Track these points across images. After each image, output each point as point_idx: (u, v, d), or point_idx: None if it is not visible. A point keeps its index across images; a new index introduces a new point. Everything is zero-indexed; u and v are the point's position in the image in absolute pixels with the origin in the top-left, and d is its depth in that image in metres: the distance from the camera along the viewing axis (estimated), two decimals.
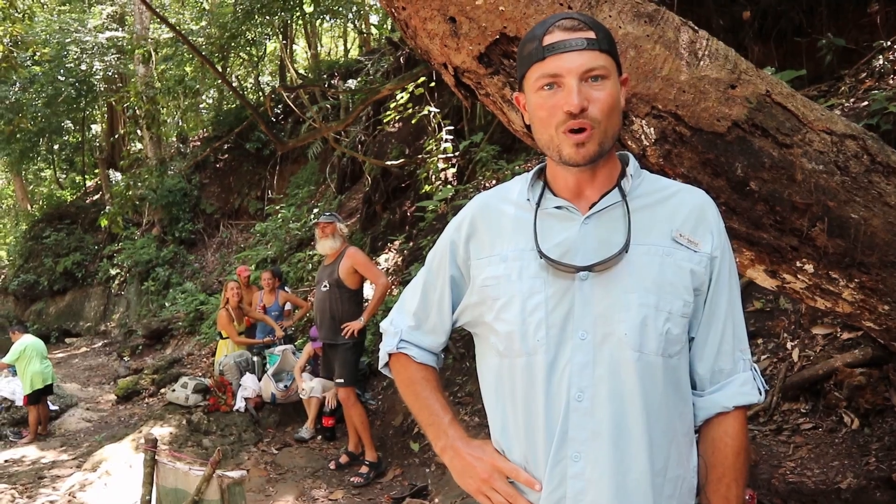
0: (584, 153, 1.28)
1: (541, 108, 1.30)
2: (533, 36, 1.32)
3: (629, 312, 1.27)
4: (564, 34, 1.28)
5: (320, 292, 5.50)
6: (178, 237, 17.51)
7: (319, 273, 5.67)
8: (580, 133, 1.27)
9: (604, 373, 1.27)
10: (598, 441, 1.27)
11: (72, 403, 9.42)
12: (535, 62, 1.30)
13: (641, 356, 1.27)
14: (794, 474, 3.44)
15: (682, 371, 1.34)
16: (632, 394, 1.27)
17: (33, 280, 19.77)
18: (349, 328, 5.31)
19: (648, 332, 1.27)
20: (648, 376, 1.27)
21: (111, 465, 5.64)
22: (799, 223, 1.94)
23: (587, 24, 1.29)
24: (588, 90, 1.26)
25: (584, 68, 1.26)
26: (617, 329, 1.27)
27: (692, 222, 1.34)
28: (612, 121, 1.30)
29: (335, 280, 5.39)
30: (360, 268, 5.42)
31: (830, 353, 3.93)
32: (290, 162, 17.10)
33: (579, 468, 1.27)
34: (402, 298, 1.60)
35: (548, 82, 1.28)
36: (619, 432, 1.27)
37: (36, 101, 19.60)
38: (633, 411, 1.27)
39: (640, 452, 1.27)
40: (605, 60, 1.28)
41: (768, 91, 1.92)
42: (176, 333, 13.20)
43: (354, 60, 17.73)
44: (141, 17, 17.82)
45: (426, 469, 5.20)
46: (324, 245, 5.50)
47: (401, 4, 2.03)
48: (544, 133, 1.32)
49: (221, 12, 16.61)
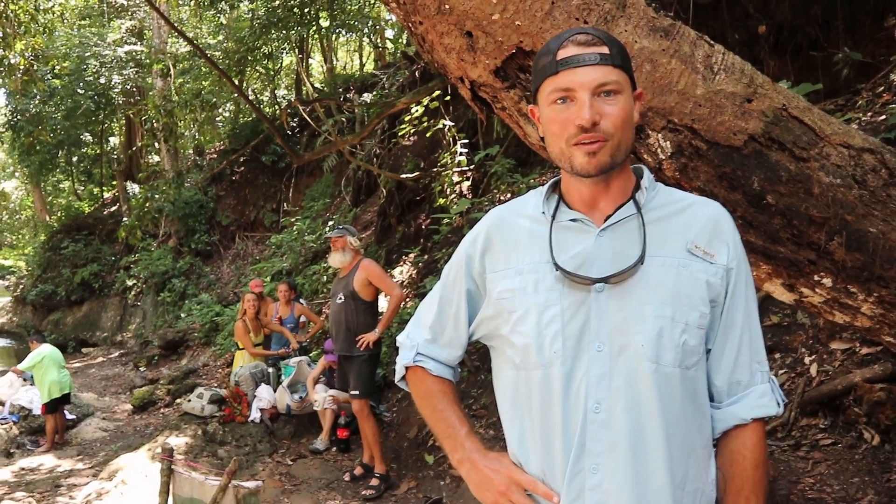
0: (596, 163, 1.29)
1: (553, 122, 1.31)
2: (547, 50, 1.33)
3: (645, 324, 1.27)
4: (578, 49, 1.29)
5: (335, 304, 5.52)
6: (194, 249, 17.65)
7: (335, 285, 5.68)
8: (592, 144, 1.27)
9: (621, 384, 1.27)
10: (615, 453, 1.26)
11: (88, 413, 9.49)
12: (549, 76, 1.31)
13: (658, 367, 1.27)
14: (813, 490, 3.40)
15: (700, 383, 1.33)
16: (649, 405, 1.27)
17: (51, 290, 19.97)
18: (364, 340, 5.31)
19: (665, 344, 1.27)
20: (665, 388, 1.27)
21: (127, 474, 5.67)
22: (816, 237, 1.93)
23: (601, 40, 1.30)
24: (600, 104, 1.27)
25: (596, 83, 1.27)
26: (633, 341, 1.27)
27: (707, 234, 1.34)
28: (625, 134, 1.30)
29: (350, 292, 5.40)
30: (375, 279, 5.43)
31: (849, 369, 3.89)
32: (305, 175, 17.22)
33: (597, 480, 1.27)
34: (419, 312, 1.60)
35: (560, 96, 1.30)
36: (636, 444, 1.26)
37: (55, 114, 19.90)
38: (651, 423, 1.26)
39: (660, 465, 1.26)
40: (618, 75, 1.29)
41: (785, 105, 1.92)
42: (191, 344, 13.28)
43: (370, 74, 17.86)
44: (159, 32, 18.06)
45: (441, 482, 5.19)
46: (335, 258, 5.53)
47: (418, 19, 2.05)
48: (556, 146, 1.33)
49: (238, 27, 16.81)
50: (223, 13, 18.35)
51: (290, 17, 14.31)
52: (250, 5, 16.43)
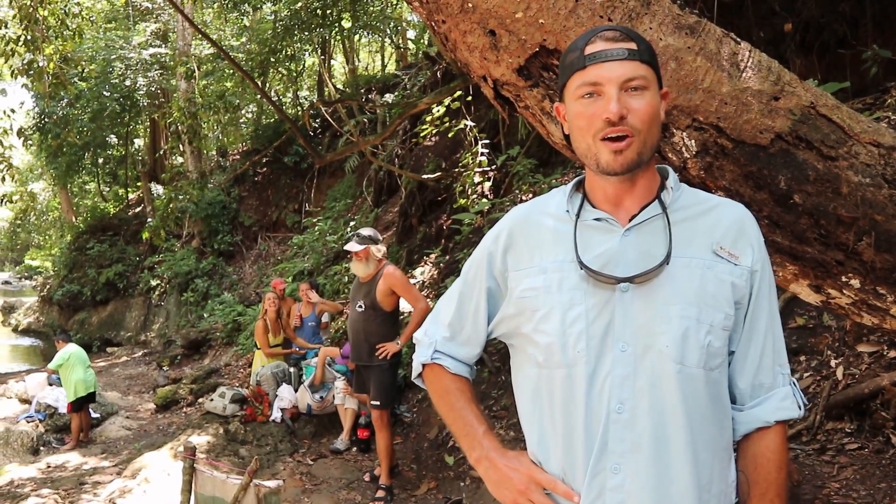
0: (623, 161, 1.28)
1: (580, 117, 1.30)
2: (575, 46, 1.33)
3: (670, 324, 1.26)
4: (606, 44, 1.29)
5: (355, 312, 5.30)
6: (216, 249, 17.79)
7: (354, 290, 5.44)
8: (619, 141, 1.26)
9: (644, 385, 1.26)
10: (638, 453, 1.25)
11: (112, 411, 9.61)
12: (576, 71, 1.31)
13: (683, 368, 1.26)
14: (838, 496, 3.34)
15: (723, 385, 1.33)
16: (673, 406, 1.26)
17: (77, 290, 20.24)
18: (385, 350, 5.13)
19: (690, 345, 1.26)
20: (690, 389, 1.26)
21: (150, 472, 5.73)
22: (845, 237, 1.90)
23: (629, 36, 1.30)
24: (627, 99, 1.26)
25: (624, 77, 1.26)
26: (658, 341, 1.26)
27: (732, 236, 1.33)
28: (652, 131, 1.29)
29: (371, 302, 5.17)
30: (399, 289, 5.21)
31: (877, 372, 3.82)
32: (327, 175, 17.30)
33: (619, 480, 1.26)
34: (437, 309, 1.60)
35: (588, 91, 1.29)
36: (659, 445, 1.25)
37: (82, 116, 20.18)
38: (675, 424, 1.25)
39: (684, 466, 1.25)
40: (645, 71, 1.29)
41: (812, 103, 1.89)
42: (214, 344, 13.38)
43: (392, 75, 17.92)
44: (184, 34, 18.25)
45: (461, 483, 5.18)
46: (357, 268, 5.26)
47: (441, 18, 2.05)
48: (582, 141, 1.32)
49: (262, 28, 16.95)
50: (246, 15, 18.52)
51: (313, 18, 14.39)
52: (273, 7, 16.56)
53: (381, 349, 5.13)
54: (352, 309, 5.37)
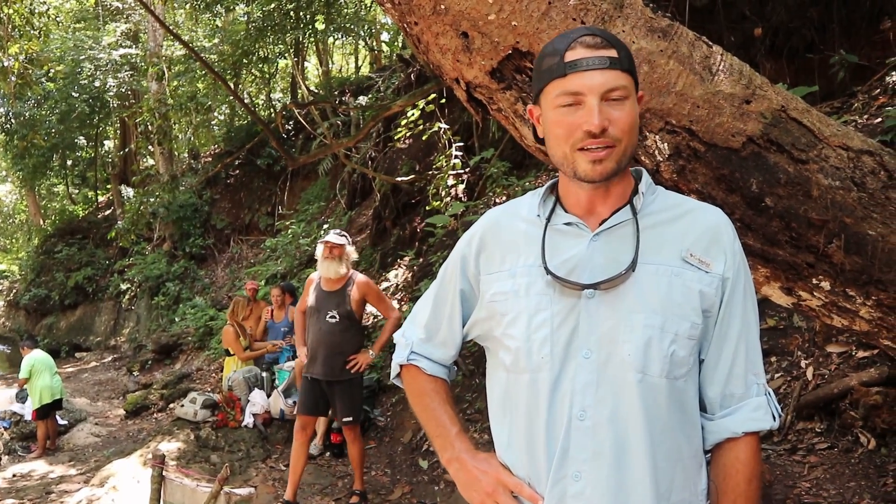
0: (602, 170, 1.27)
1: (559, 125, 1.28)
2: (554, 50, 1.30)
3: (633, 333, 1.25)
4: (587, 51, 1.26)
5: (325, 323, 4.84)
6: (188, 252, 17.59)
7: (321, 301, 4.93)
8: (599, 151, 1.25)
9: (606, 393, 1.26)
10: (598, 461, 1.25)
11: (81, 418, 9.44)
12: (556, 78, 1.28)
13: (644, 378, 1.25)
14: (809, 495, 3.38)
15: (690, 393, 1.31)
16: (634, 416, 1.25)
17: (44, 294, 19.91)
18: (358, 363, 4.83)
19: (652, 354, 1.25)
20: (651, 398, 1.25)
21: (119, 480, 5.62)
22: (815, 240, 1.91)
23: (609, 42, 1.28)
24: (608, 110, 1.25)
25: (605, 87, 1.25)
26: (621, 349, 1.26)
27: (705, 242, 1.31)
28: (631, 140, 1.28)
29: (346, 311, 4.83)
30: (374, 298, 4.92)
31: (846, 372, 3.88)
32: (300, 178, 17.19)
33: (579, 488, 1.25)
34: (415, 310, 1.60)
35: (568, 101, 1.27)
36: (620, 454, 1.25)
37: (50, 118, 19.85)
38: (636, 433, 1.25)
39: (643, 475, 1.24)
40: (626, 80, 1.27)
41: (783, 106, 1.90)
42: (185, 348, 13.23)
43: (365, 77, 17.85)
44: (154, 35, 18.02)
45: (435, 487, 5.16)
46: (329, 268, 4.85)
47: (413, 20, 2.03)
48: (559, 149, 1.30)
49: (234, 30, 16.78)
50: (219, 16, 18.33)
51: (286, 20, 14.29)
52: (246, 8, 16.42)
53: (354, 361, 4.82)
54: (320, 321, 4.88)
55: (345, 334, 4.86)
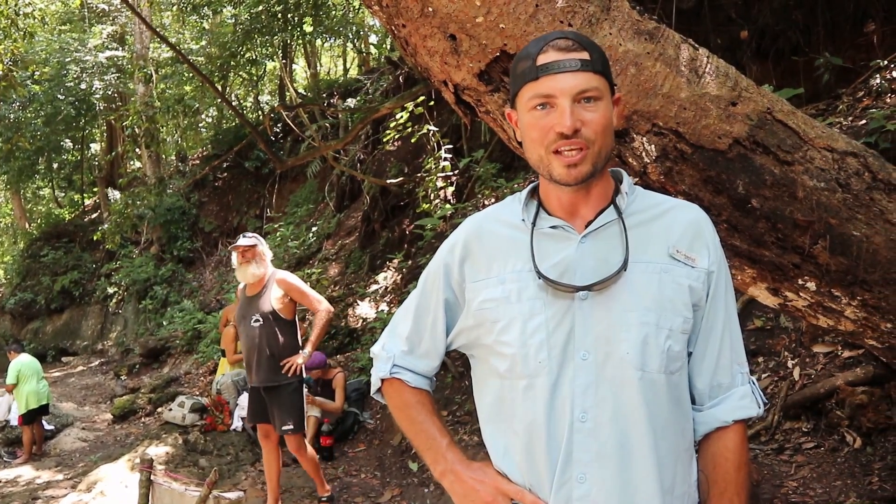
0: (577, 173, 1.27)
1: (532, 128, 1.30)
2: (527, 54, 1.31)
3: (630, 331, 1.27)
4: (559, 54, 1.27)
5: (250, 328, 4.64)
6: (176, 255, 17.49)
7: (242, 307, 4.77)
8: (573, 154, 1.26)
9: (607, 393, 1.26)
10: (603, 462, 1.25)
11: (68, 423, 9.36)
12: (529, 81, 1.29)
13: (644, 375, 1.26)
14: (796, 494, 3.40)
15: (683, 386, 1.33)
16: (636, 413, 1.26)
17: (31, 298, 19.73)
18: (291, 364, 4.58)
19: (650, 351, 1.26)
20: (652, 395, 1.27)
21: (106, 485, 5.58)
22: (801, 241, 1.93)
23: (581, 45, 1.28)
24: (581, 111, 1.26)
25: (577, 89, 1.25)
26: (618, 348, 1.26)
27: (689, 238, 1.33)
28: (606, 141, 1.29)
29: (269, 312, 4.61)
30: (296, 294, 4.67)
31: (832, 372, 3.91)
32: (289, 180, 17.13)
33: (585, 490, 1.25)
34: (394, 322, 1.57)
35: (540, 102, 1.28)
36: (624, 452, 1.25)
37: (35, 120, 19.67)
38: (638, 430, 1.25)
39: (649, 472, 1.25)
40: (598, 82, 1.27)
41: (769, 108, 1.92)
42: (173, 352, 13.15)
43: (354, 80, 17.83)
44: (141, 37, 17.92)
45: (425, 489, 5.15)
46: (245, 272, 4.62)
47: (401, 22, 2.03)
48: (535, 152, 1.31)
49: (221, 32, 16.71)
50: (206, 18, 18.23)
51: (274, 22, 14.24)
52: (233, 10, 16.36)
53: (288, 364, 4.57)
54: (245, 328, 4.69)
55: (272, 337, 4.61)
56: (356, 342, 8.55)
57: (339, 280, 10.96)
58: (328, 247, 12.66)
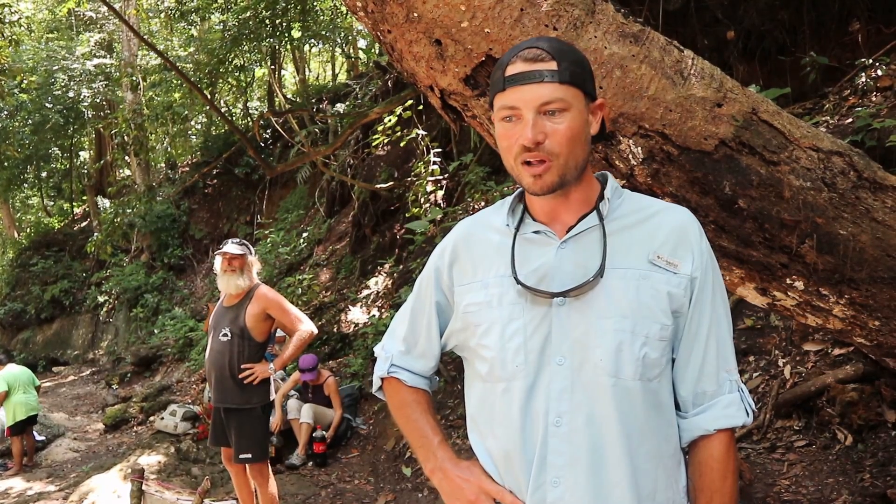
0: (542, 185, 1.28)
1: (503, 138, 1.31)
2: (500, 63, 1.32)
3: (604, 338, 1.26)
4: (525, 65, 1.27)
5: (217, 342, 4.26)
6: (166, 263, 17.42)
7: (217, 317, 4.37)
8: (537, 165, 1.26)
9: (582, 398, 1.27)
10: (576, 466, 1.26)
11: (59, 433, 9.30)
12: (497, 92, 1.30)
13: (618, 381, 1.26)
14: (788, 492, 3.41)
15: (665, 393, 1.32)
16: (609, 419, 1.26)
17: (20, 308, 19.59)
18: (253, 371, 4.17)
19: (624, 358, 1.26)
20: (626, 401, 1.26)
21: (98, 495, 5.55)
22: (788, 240, 1.94)
23: (550, 55, 1.27)
24: (545, 123, 1.25)
25: (540, 101, 1.25)
26: (593, 355, 1.27)
27: (672, 243, 1.32)
28: (574, 152, 1.28)
29: (240, 329, 4.20)
30: (276, 310, 4.25)
31: (822, 370, 3.92)
32: (279, 186, 17.10)
33: (558, 493, 1.26)
34: (393, 323, 1.61)
35: (508, 114, 1.28)
36: (597, 458, 1.26)
37: (23, 129, 19.57)
38: (612, 436, 1.26)
39: (621, 478, 1.25)
40: (564, 92, 1.26)
41: (754, 109, 1.93)
42: (165, 360, 13.09)
43: (342, 85, 17.80)
44: (129, 44, 17.85)
45: (419, 494, 5.14)
46: (229, 282, 4.26)
47: (386, 28, 2.03)
48: (507, 162, 1.33)
49: (209, 38, 16.66)
50: (194, 25, 18.19)
51: (262, 28, 14.21)
52: (221, 17, 16.32)
53: (248, 370, 4.17)
54: (213, 340, 4.32)
55: (237, 355, 4.20)
56: (348, 347, 8.53)
57: (331, 285, 10.95)
58: (319, 252, 12.64)
